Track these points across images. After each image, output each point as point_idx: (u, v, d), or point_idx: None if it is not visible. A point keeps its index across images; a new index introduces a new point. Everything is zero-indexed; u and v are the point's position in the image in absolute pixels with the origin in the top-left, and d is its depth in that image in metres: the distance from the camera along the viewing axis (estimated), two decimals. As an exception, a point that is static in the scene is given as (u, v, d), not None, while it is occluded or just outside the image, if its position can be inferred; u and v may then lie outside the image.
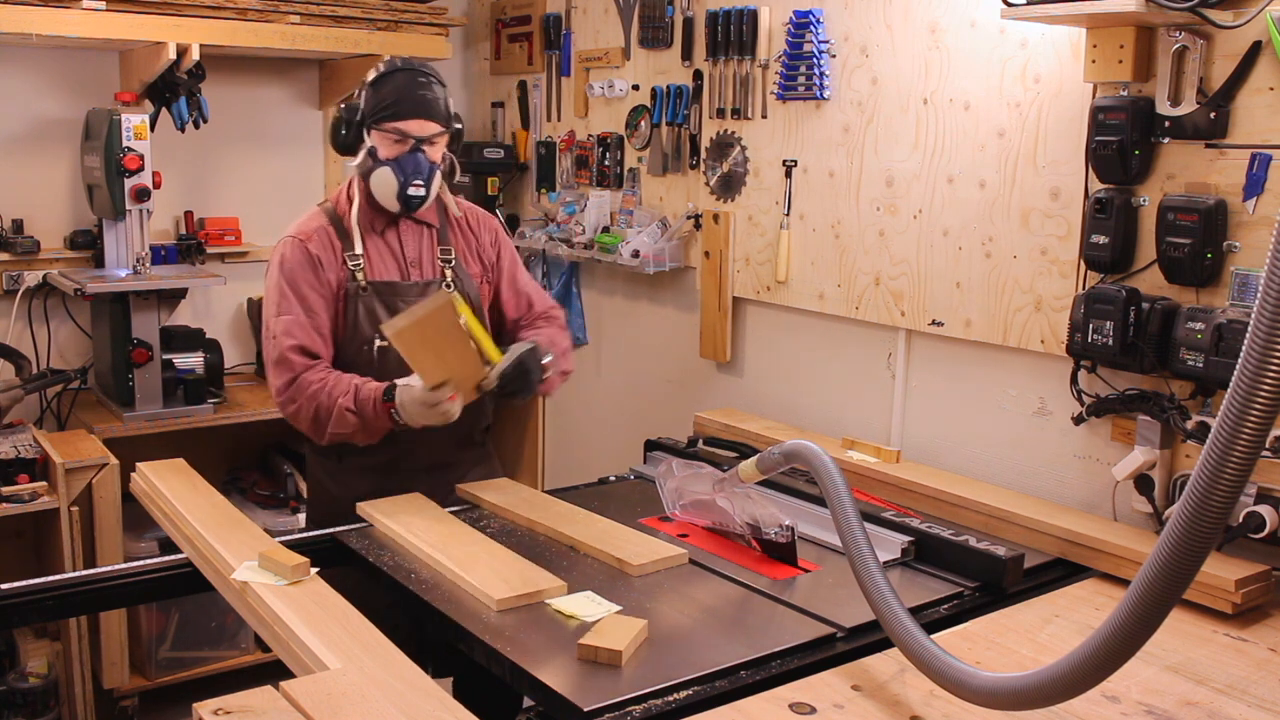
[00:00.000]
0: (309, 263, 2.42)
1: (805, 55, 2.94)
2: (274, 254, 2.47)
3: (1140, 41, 2.15)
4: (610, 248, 3.51)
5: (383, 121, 2.40)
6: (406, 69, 2.43)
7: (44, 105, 3.57)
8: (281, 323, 2.38)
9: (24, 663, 3.14)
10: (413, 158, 2.40)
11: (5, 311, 3.51)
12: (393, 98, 2.39)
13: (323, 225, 2.47)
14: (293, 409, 2.37)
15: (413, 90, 2.40)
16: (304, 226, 2.47)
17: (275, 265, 2.45)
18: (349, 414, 2.32)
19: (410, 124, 2.39)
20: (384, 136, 2.40)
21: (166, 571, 2.19)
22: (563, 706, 1.61)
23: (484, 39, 4.31)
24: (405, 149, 2.40)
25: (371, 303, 2.44)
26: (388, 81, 2.41)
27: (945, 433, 2.73)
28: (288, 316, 2.39)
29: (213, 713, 1.47)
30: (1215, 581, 1.96)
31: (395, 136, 2.39)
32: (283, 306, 2.40)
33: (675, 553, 2.13)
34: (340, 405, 2.32)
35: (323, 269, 2.42)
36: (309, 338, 2.38)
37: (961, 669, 1.50)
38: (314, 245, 2.43)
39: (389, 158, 2.40)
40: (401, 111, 2.39)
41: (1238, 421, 1.10)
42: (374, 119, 2.41)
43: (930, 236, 2.69)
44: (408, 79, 2.41)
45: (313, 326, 2.39)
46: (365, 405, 2.31)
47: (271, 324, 2.40)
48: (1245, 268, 2.06)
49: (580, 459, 3.80)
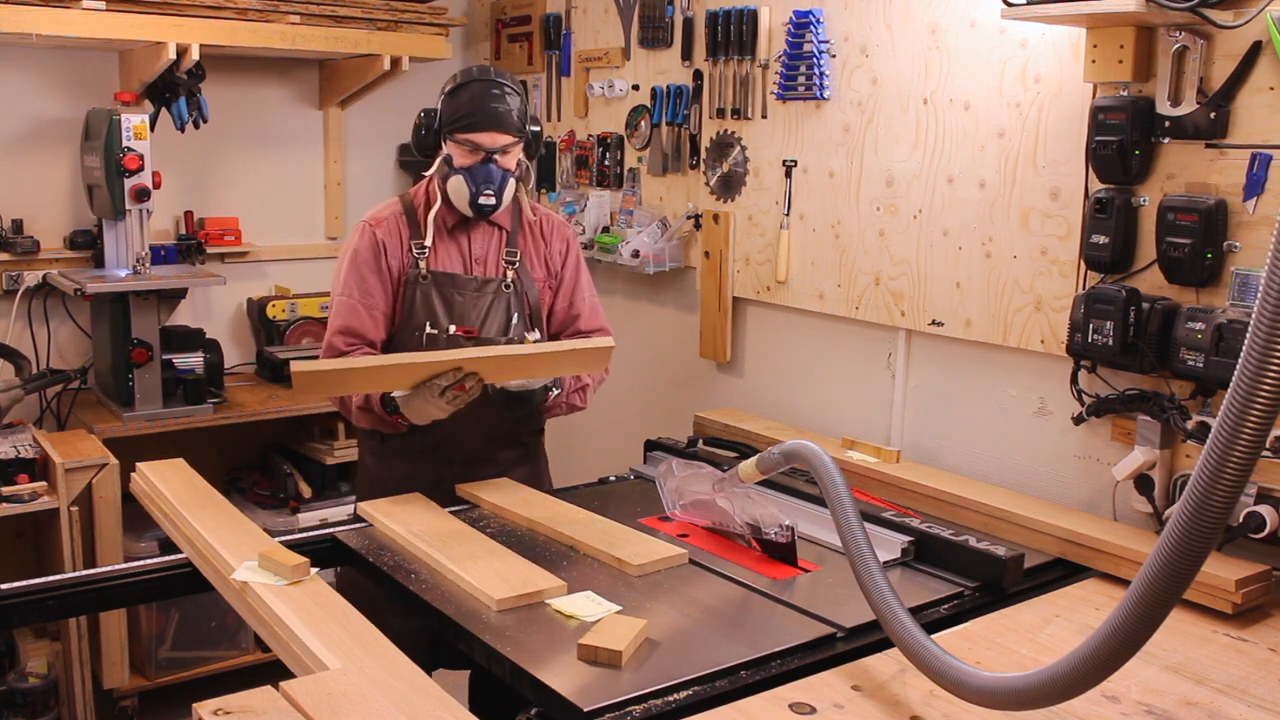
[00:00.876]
0: (374, 247, 2.51)
1: (805, 55, 2.94)
2: (348, 237, 2.61)
3: (1140, 41, 2.15)
4: (610, 248, 3.51)
5: (456, 133, 2.46)
6: (481, 79, 2.48)
7: (44, 105, 3.57)
8: (335, 305, 2.51)
9: (24, 663, 3.14)
10: (484, 168, 2.46)
11: (5, 311, 3.51)
12: (466, 109, 2.45)
13: (396, 213, 2.57)
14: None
15: (485, 103, 2.45)
16: (378, 213, 2.58)
17: (345, 248, 2.57)
18: (361, 411, 2.45)
19: (482, 136, 2.45)
20: (458, 146, 2.46)
21: (166, 571, 2.19)
22: (563, 706, 1.61)
23: (484, 39, 4.31)
24: (478, 159, 2.45)
25: (429, 291, 2.52)
26: (463, 92, 2.46)
27: (945, 433, 2.73)
28: (343, 298, 2.50)
29: (213, 713, 1.47)
30: (1215, 581, 1.96)
31: (468, 147, 2.45)
32: (342, 289, 2.51)
33: (675, 553, 2.13)
34: (357, 401, 2.44)
35: (386, 255, 2.52)
36: (358, 319, 2.48)
37: (961, 669, 1.50)
38: (381, 231, 2.53)
39: (463, 166, 2.46)
40: (475, 124, 2.44)
41: (1238, 421, 1.10)
42: (449, 129, 2.47)
43: (930, 236, 2.69)
44: (481, 90, 2.46)
45: (365, 308, 2.49)
46: (374, 407, 2.43)
47: (333, 304, 2.53)
48: (1245, 268, 2.06)
49: (580, 459, 3.80)
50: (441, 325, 2.51)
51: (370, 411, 2.45)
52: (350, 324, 2.48)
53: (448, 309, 2.52)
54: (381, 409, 2.42)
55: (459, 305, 2.53)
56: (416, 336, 2.51)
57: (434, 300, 2.52)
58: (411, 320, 2.52)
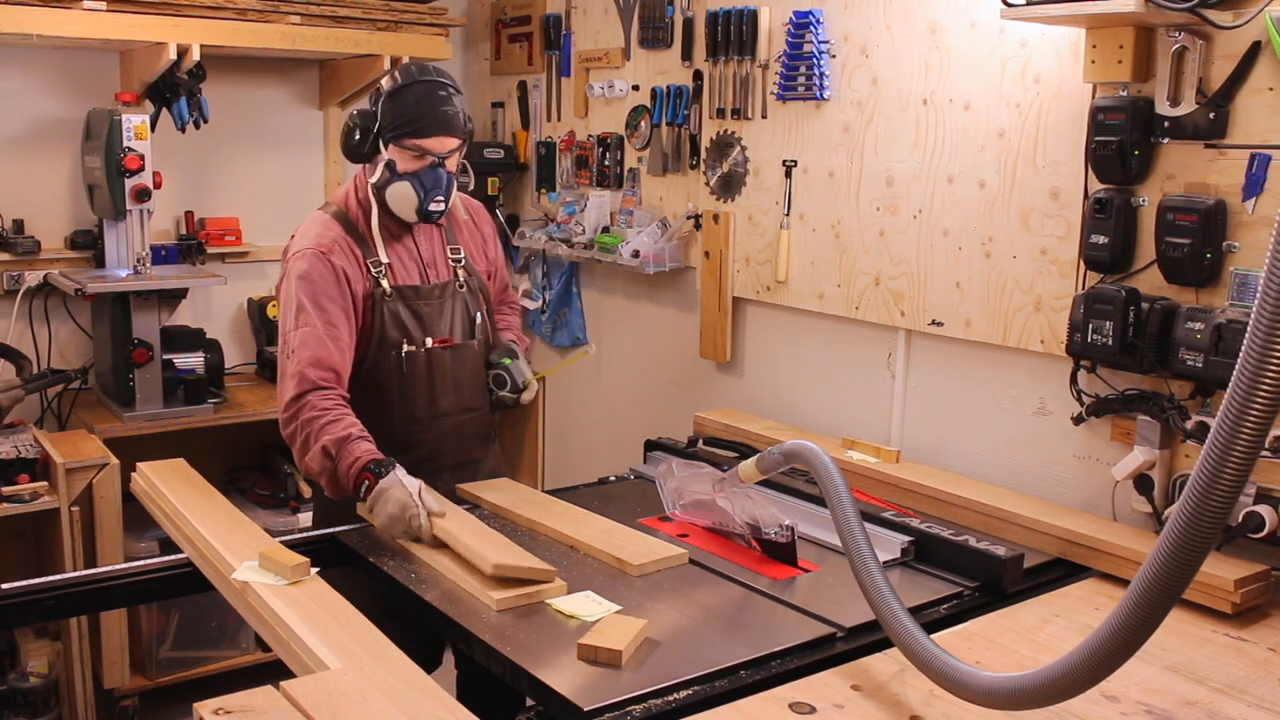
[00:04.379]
0: (332, 276, 2.35)
1: (805, 55, 2.94)
2: (291, 265, 2.39)
3: (1140, 42, 2.15)
4: (610, 248, 3.51)
5: (403, 138, 2.34)
6: (425, 80, 2.35)
7: (44, 105, 3.57)
8: (299, 336, 2.31)
9: (24, 663, 3.15)
10: (433, 173, 2.37)
11: (5, 311, 3.51)
12: (414, 113, 2.33)
13: (340, 235, 2.41)
14: (289, 429, 2.30)
15: (434, 105, 2.34)
16: (321, 238, 2.39)
17: (294, 278, 2.36)
18: (324, 454, 2.22)
19: (432, 141, 2.35)
20: (403, 152, 2.35)
21: (166, 571, 2.19)
22: (563, 706, 1.62)
23: (484, 39, 4.31)
24: (425, 164, 2.36)
25: (396, 307, 2.42)
26: (407, 94, 2.33)
27: (945, 433, 2.73)
28: (306, 329, 2.31)
29: (213, 713, 1.47)
30: (1215, 581, 1.96)
31: (415, 153, 2.35)
32: (301, 320, 2.32)
33: (675, 552, 2.13)
34: (323, 441, 2.22)
35: (347, 281, 2.36)
36: (327, 352, 2.30)
37: (961, 669, 1.50)
38: (336, 258, 2.36)
39: (408, 171, 2.36)
40: (424, 129, 2.33)
41: (1237, 421, 1.10)
42: (394, 134, 2.34)
43: (930, 236, 2.69)
44: (428, 91, 2.34)
45: (331, 339, 2.31)
46: (345, 457, 2.20)
47: (289, 338, 2.33)
48: (1245, 268, 2.06)
49: (580, 459, 3.80)
50: (418, 341, 2.44)
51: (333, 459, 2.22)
52: (320, 356, 2.29)
53: (417, 322, 2.44)
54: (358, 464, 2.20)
55: (426, 316, 2.46)
56: (394, 356, 2.42)
57: (402, 315, 2.43)
58: (385, 339, 2.41)
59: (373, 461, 2.19)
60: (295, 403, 2.28)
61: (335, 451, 2.21)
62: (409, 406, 2.46)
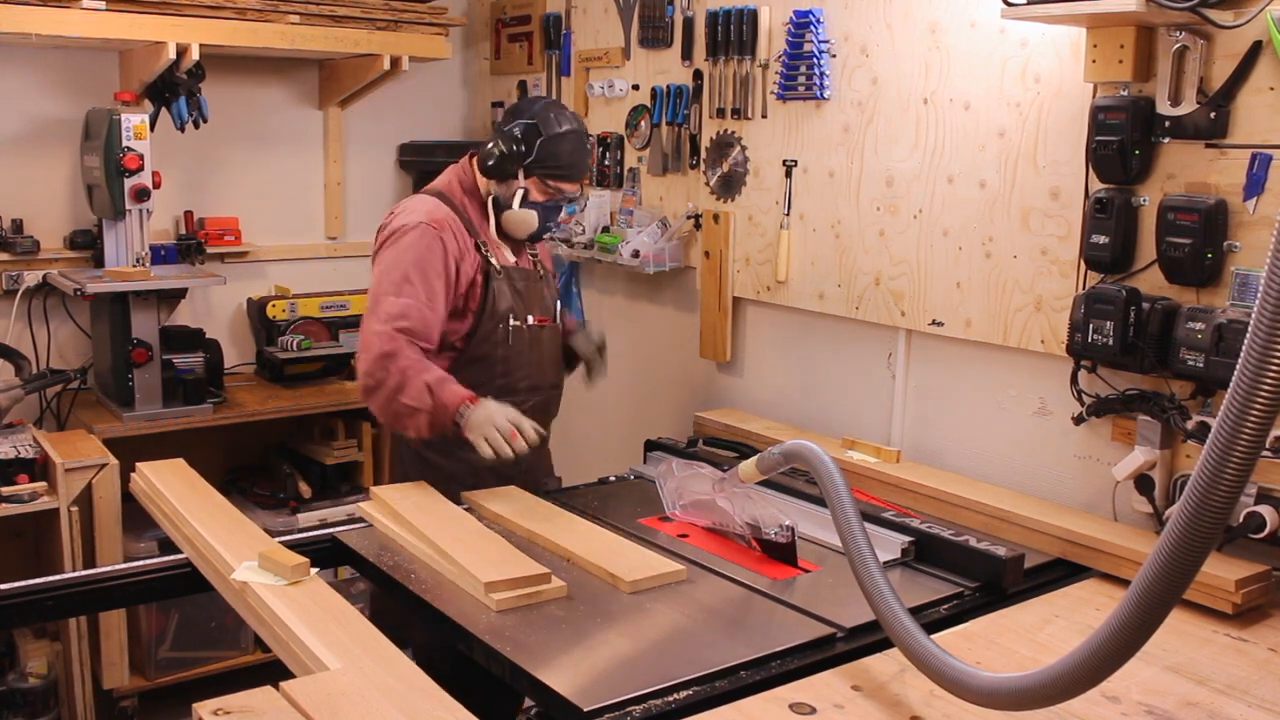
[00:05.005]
0: (441, 250, 2.52)
1: (805, 55, 2.94)
2: (401, 236, 2.52)
3: (1140, 41, 2.15)
4: (610, 248, 3.51)
5: (549, 178, 2.60)
6: (576, 130, 2.63)
7: (44, 105, 3.56)
8: (400, 304, 2.45)
9: (24, 663, 3.14)
10: (558, 209, 2.72)
11: (5, 311, 3.51)
12: (568, 161, 2.60)
13: (450, 216, 2.60)
14: (379, 376, 2.42)
15: (582, 157, 2.66)
16: (434, 214, 2.57)
17: (402, 247, 2.51)
18: (426, 389, 2.39)
19: (572, 187, 2.67)
20: (543, 186, 2.61)
21: (166, 571, 2.19)
22: (563, 706, 1.61)
23: (484, 39, 4.31)
24: (554, 198, 2.65)
25: (503, 285, 2.63)
26: (564, 142, 2.59)
27: (945, 433, 2.73)
28: (407, 300, 2.46)
29: (213, 713, 1.47)
30: (1215, 581, 1.96)
31: (553, 192, 2.62)
32: (404, 290, 2.47)
33: (672, 569, 2.08)
34: (425, 379, 2.39)
35: (456, 258, 2.55)
36: (423, 322, 2.47)
37: (962, 669, 1.50)
38: (448, 235, 2.55)
39: (537, 202, 2.62)
40: (570, 176, 2.63)
41: (1238, 421, 1.10)
42: (544, 171, 2.59)
43: (930, 236, 2.69)
44: (579, 143, 2.64)
45: (431, 311, 2.49)
46: (445, 391, 2.38)
47: (386, 302, 2.46)
48: (1245, 268, 2.06)
49: (580, 459, 3.79)
50: (522, 317, 2.65)
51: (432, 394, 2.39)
52: (417, 326, 2.46)
53: (520, 300, 2.66)
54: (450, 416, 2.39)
55: (526, 295, 2.69)
56: (502, 329, 2.62)
57: (508, 292, 2.64)
58: (496, 312, 2.61)
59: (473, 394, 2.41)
60: (387, 357, 2.42)
61: (435, 387, 2.39)
62: (510, 378, 2.64)
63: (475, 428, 2.35)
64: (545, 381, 2.74)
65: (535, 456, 2.61)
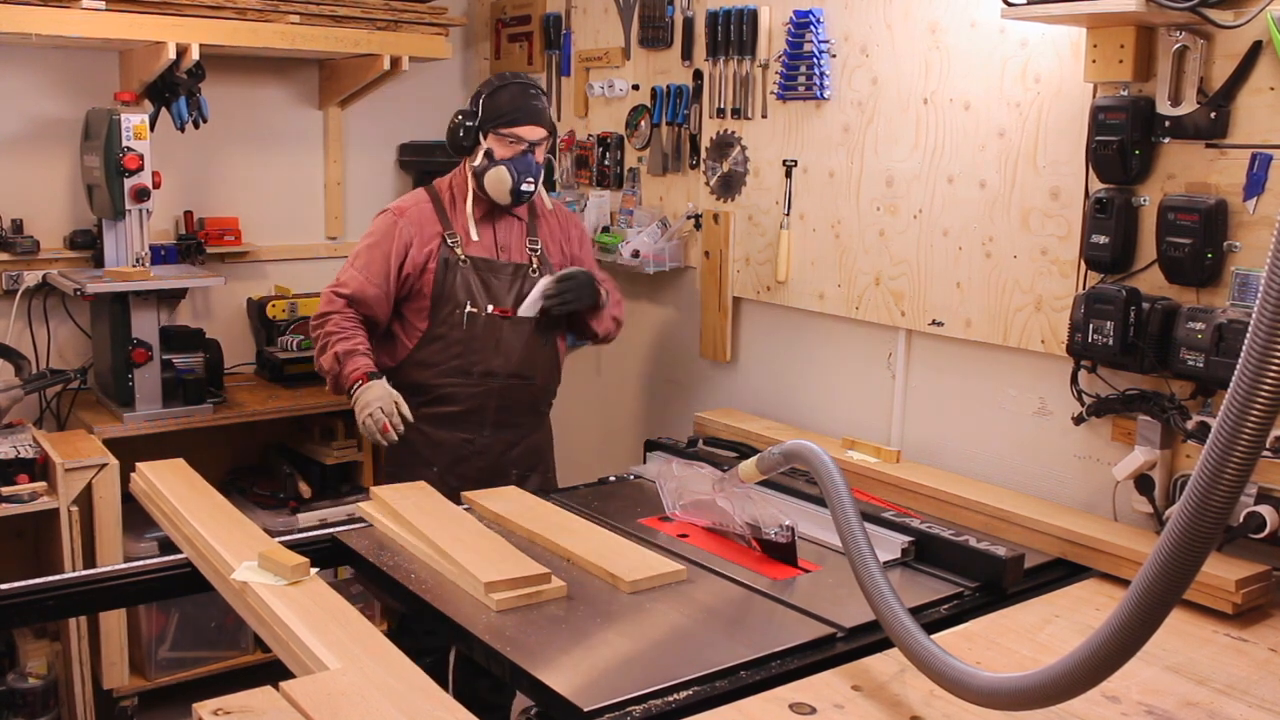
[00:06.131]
0: (392, 234, 2.81)
1: (805, 55, 2.94)
2: (373, 220, 2.91)
3: (1140, 41, 2.15)
4: (610, 248, 3.51)
5: (500, 128, 2.77)
6: (517, 82, 2.82)
7: (44, 105, 3.56)
8: (347, 273, 2.83)
9: (24, 663, 3.14)
10: (525, 159, 2.80)
11: (5, 311, 3.51)
12: (510, 106, 2.77)
13: (423, 203, 2.87)
14: (315, 334, 2.82)
15: (526, 100, 2.80)
16: (403, 203, 2.90)
17: (369, 230, 2.89)
18: (335, 358, 2.75)
19: (524, 130, 2.78)
20: (500, 140, 2.78)
21: (166, 571, 2.19)
22: (563, 707, 1.61)
23: (484, 39, 4.31)
24: (519, 150, 2.78)
25: (468, 274, 2.82)
26: (503, 93, 2.79)
27: (945, 433, 2.73)
28: (353, 270, 2.82)
29: (212, 713, 1.47)
30: (1216, 582, 1.96)
31: (511, 139, 2.77)
32: (355, 263, 2.83)
33: (672, 569, 2.07)
34: (336, 349, 2.74)
35: (406, 243, 2.80)
36: (361, 291, 2.79)
37: (962, 669, 1.50)
38: (405, 221, 2.83)
39: (504, 158, 2.77)
40: (518, 119, 2.77)
41: (1238, 421, 1.10)
42: (492, 125, 2.78)
43: (930, 236, 2.69)
44: (520, 90, 2.80)
45: (370, 284, 2.79)
46: (349, 363, 2.73)
47: (343, 270, 2.84)
48: (1246, 268, 2.06)
49: (580, 459, 3.80)
50: (480, 305, 2.82)
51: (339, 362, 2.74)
52: (357, 290, 2.79)
53: (485, 291, 2.83)
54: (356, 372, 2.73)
55: (495, 288, 2.84)
56: (456, 314, 2.81)
57: (472, 282, 2.82)
58: (450, 299, 2.81)
59: (369, 371, 2.74)
60: (322, 317, 2.81)
61: (343, 357, 2.74)
62: (464, 360, 2.84)
63: (358, 407, 2.70)
64: (504, 370, 2.86)
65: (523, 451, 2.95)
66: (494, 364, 2.85)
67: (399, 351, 2.87)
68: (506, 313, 2.84)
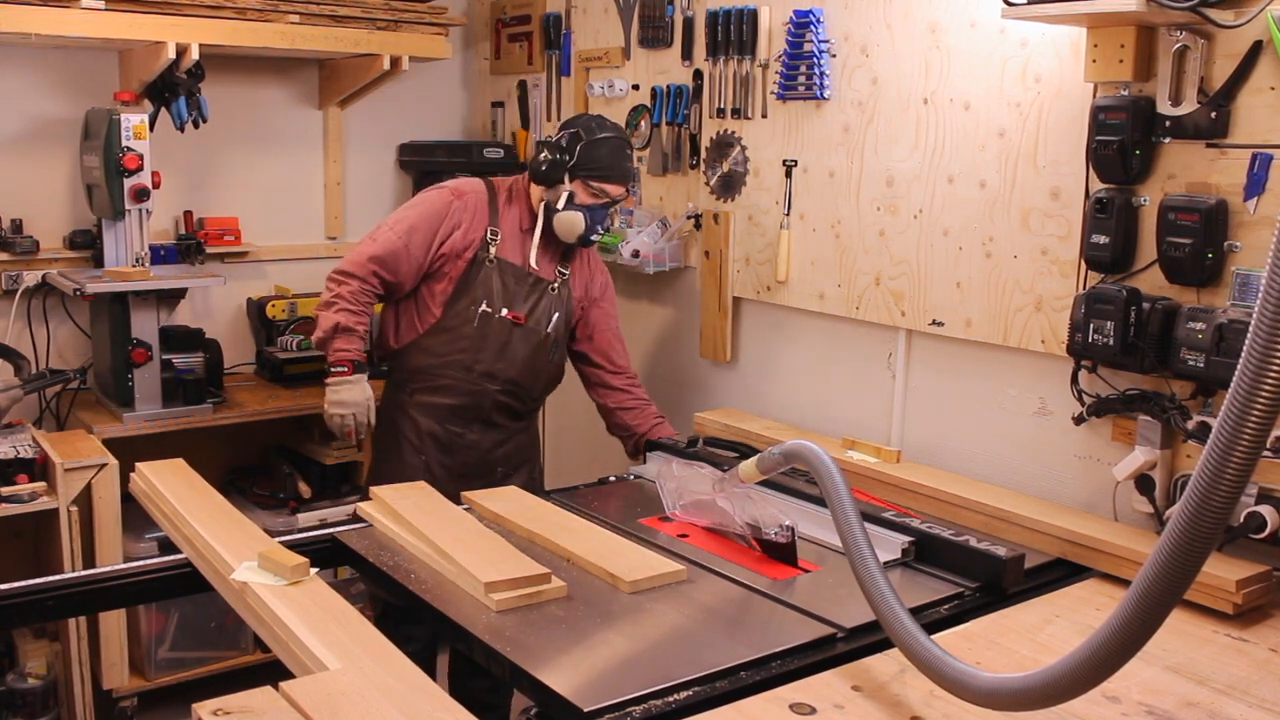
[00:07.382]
0: (445, 213, 2.83)
1: (805, 55, 2.94)
2: (426, 191, 2.92)
3: (1141, 41, 2.15)
4: (610, 248, 3.50)
5: (592, 179, 2.81)
6: (617, 136, 2.86)
7: (44, 105, 3.56)
8: (386, 237, 2.81)
9: (23, 663, 3.14)
10: (603, 211, 2.87)
11: (4, 311, 3.51)
12: (608, 163, 2.82)
13: (479, 192, 2.90)
14: (330, 285, 2.82)
15: (622, 160, 2.85)
16: (462, 185, 2.92)
17: (419, 199, 2.90)
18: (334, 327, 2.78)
19: (615, 188, 2.84)
20: (587, 189, 2.81)
21: (166, 572, 2.19)
22: (563, 707, 1.61)
23: (484, 39, 4.31)
24: (599, 202, 2.84)
25: (491, 274, 2.85)
26: (603, 146, 2.81)
27: (945, 433, 2.73)
28: (392, 234, 2.81)
29: (212, 713, 1.47)
30: (1216, 582, 1.96)
31: (597, 193, 2.82)
32: (396, 228, 2.82)
33: (672, 569, 2.07)
34: (338, 319, 2.78)
35: (453, 225, 2.83)
36: (395, 262, 2.80)
37: (962, 669, 1.50)
38: (460, 204, 2.85)
39: (584, 205, 2.82)
40: (611, 177, 2.83)
41: (1239, 422, 1.10)
42: (586, 174, 2.80)
43: (930, 236, 2.69)
44: (620, 146, 2.86)
45: (405, 255, 2.80)
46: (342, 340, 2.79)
47: (382, 229, 2.83)
48: (1246, 268, 2.06)
49: (580, 459, 3.80)
50: (496, 306, 2.84)
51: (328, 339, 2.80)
52: (389, 262, 2.79)
53: (504, 294, 2.86)
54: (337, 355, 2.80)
55: (514, 292, 2.87)
56: (471, 310, 2.84)
57: (494, 282, 2.85)
58: (469, 294, 2.83)
59: (358, 360, 2.80)
60: (346, 275, 2.81)
61: (341, 329, 2.78)
62: (469, 356, 2.86)
63: (332, 399, 2.80)
64: (504, 375, 2.89)
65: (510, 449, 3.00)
66: (496, 367, 2.87)
67: (405, 334, 2.89)
68: (519, 319, 2.87)
